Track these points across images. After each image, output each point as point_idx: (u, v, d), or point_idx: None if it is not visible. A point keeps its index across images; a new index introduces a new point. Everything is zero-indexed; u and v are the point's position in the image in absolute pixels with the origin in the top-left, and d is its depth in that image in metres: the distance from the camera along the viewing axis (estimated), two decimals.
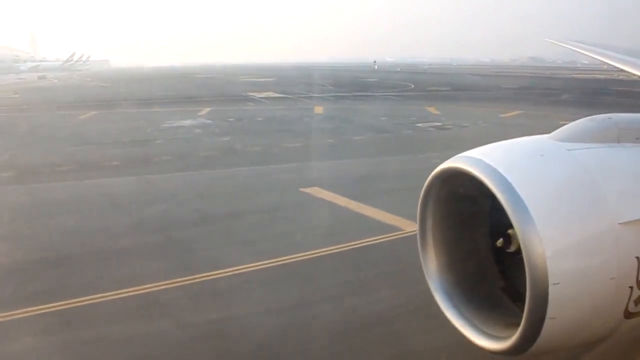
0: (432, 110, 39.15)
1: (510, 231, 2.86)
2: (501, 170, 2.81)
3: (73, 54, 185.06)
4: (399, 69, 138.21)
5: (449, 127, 29.78)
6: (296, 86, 68.15)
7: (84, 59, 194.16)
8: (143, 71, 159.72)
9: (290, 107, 43.86)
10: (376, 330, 7.59)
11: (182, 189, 16.04)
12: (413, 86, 68.71)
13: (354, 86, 70.82)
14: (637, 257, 2.81)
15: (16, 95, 61.04)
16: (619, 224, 2.76)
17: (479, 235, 3.38)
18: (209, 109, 41.47)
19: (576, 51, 9.42)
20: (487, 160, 2.92)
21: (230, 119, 35.19)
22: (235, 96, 55.74)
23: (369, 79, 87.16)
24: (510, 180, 2.75)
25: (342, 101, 48.19)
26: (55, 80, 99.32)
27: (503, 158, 2.98)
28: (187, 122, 33.60)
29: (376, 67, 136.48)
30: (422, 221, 3.37)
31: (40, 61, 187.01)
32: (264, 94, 57.12)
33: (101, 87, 78.60)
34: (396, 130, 29.28)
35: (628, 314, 2.89)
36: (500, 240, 3.03)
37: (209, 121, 34.36)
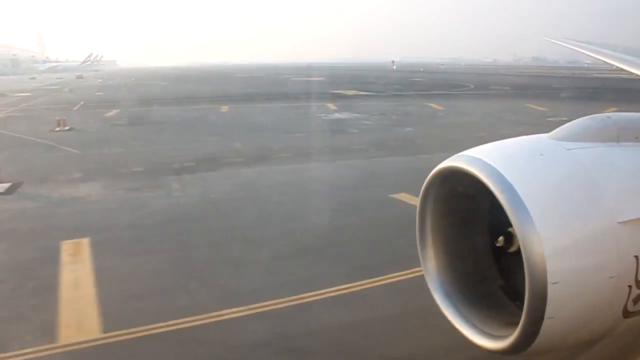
0: (536, 107, 39.94)
1: (509, 230, 2.83)
2: (500, 170, 2.79)
3: (90, 55, 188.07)
4: (422, 69, 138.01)
5: None
6: (364, 85, 68.65)
7: (97, 59, 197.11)
8: (163, 71, 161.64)
9: (401, 104, 45.25)
10: None
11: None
12: (473, 86, 68.66)
13: (423, 85, 71.84)
14: (636, 256, 2.78)
15: (100, 93, 64.52)
16: (618, 222, 2.73)
17: (478, 235, 3.35)
18: (331, 104, 43.59)
19: (576, 50, 9.26)
20: (487, 160, 2.89)
21: (371, 113, 37.27)
22: (326, 94, 56.56)
23: (417, 79, 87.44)
24: (509, 179, 2.73)
25: (446, 99, 48.82)
26: (100, 80, 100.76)
27: (502, 157, 2.94)
28: (337, 116, 36.55)
29: (395, 67, 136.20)
30: (422, 220, 3.34)
31: (56, 61, 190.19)
32: (350, 92, 58.50)
33: (165, 86, 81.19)
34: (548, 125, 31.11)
35: (627, 313, 2.87)
36: (500, 239, 3.00)
37: (354, 115, 36.68)
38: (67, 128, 32.43)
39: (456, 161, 3.06)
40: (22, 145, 26.25)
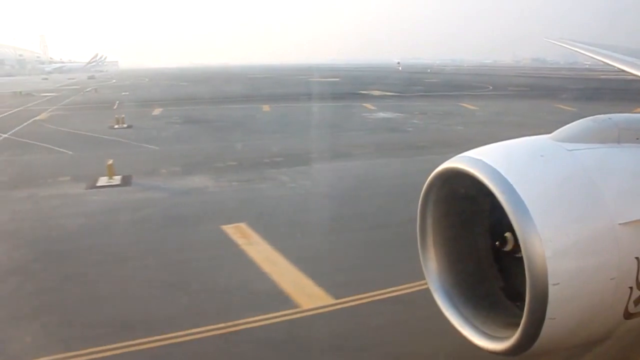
0: (567, 107, 39.28)
1: (510, 231, 2.87)
2: (501, 171, 2.83)
3: (95, 56, 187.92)
4: (429, 70, 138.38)
5: None
6: (386, 86, 68.02)
7: (102, 60, 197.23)
8: (169, 72, 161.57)
9: (435, 104, 45.40)
10: None
11: None
12: (491, 87, 68.84)
13: (442, 86, 72.18)
14: (637, 258, 2.81)
15: (126, 93, 64.64)
16: (619, 224, 2.77)
17: (478, 236, 3.38)
18: (367, 104, 44.11)
19: (577, 52, 9.34)
20: (488, 161, 2.93)
21: (412, 113, 37.60)
22: (354, 94, 57.18)
23: (432, 80, 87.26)
24: (510, 180, 2.77)
25: (475, 99, 48.96)
26: (114, 80, 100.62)
27: (503, 158, 2.99)
28: (381, 115, 36.98)
29: (400, 68, 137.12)
30: (422, 221, 3.38)
31: (61, 62, 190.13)
32: (376, 93, 58.64)
33: (187, 86, 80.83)
34: None
35: (628, 315, 2.90)
36: (500, 240, 3.05)
37: (397, 114, 36.98)
38: (125, 125, 33.13)
39: (457, 162, 3.10)
40: (95, 142, 26.67)
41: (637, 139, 3.24)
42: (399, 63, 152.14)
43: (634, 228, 2.80)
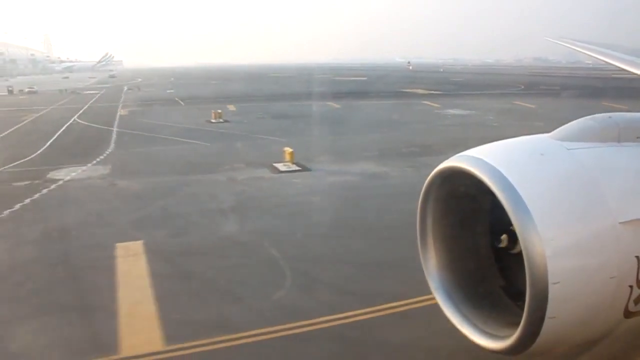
0: (617, 105, 40.39)
1: (510, 230, 2.87)
2: (502, 170, 2.83)
3: (105, 55, 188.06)
4: (442, 70, 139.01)
5: None
6: (423, 85, 68.39)
7: (110, 60, 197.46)
8: (179, 71, 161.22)
9: (490, 102, 45.74)
10: None
11: None
12: (523, 86, 68.29)
13: (474, 85, 72.40)
14: (637, 257, 2.80)
15: (171, 91, 65.32)
16: (620, 223, 2.76)
17: (479, 234, 3.37)
18: (427, 101, 44.95)
19: (577, 51, 9.26)
20: (488, 160, 2.94)
21: (477, 109, 38.33)
22: (402, 92, 57.68)
23: (457, 79, 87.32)
24: (510, 179, 2.77)
25: (523, 98, 48.81)
26: (140, 79, 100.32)
27: (503, 157, 2.99)
28: (451, 112, 37.46)
29: (411, 67, 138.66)
30: (422, 220, 3.39)
31: (70, 61, 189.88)
32: (420, 91, 58.90)
33: (220, 84, 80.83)
34: None
35: (628, 313, 2.88)
36: (501, 239, 3.05)
37: (465, 111, 37.46)
38: (222, 120, 34.57)
39: (457, 161, 3.10)
40: (212, 134, 27.49)
41: (638, 137, 3.22)
42: (409, 62, 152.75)
43: (634, 227, 2.78)
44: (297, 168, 18.79)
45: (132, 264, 10.24)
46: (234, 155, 22.12)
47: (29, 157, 22.38)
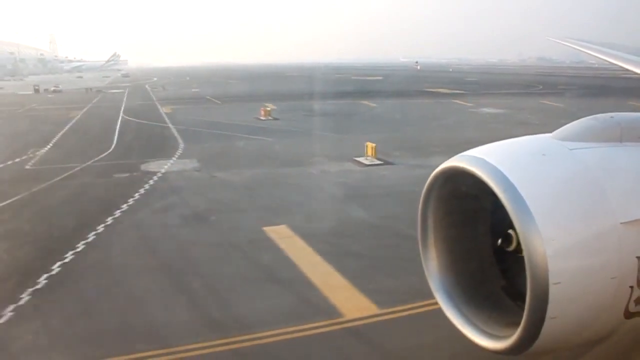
0: None
1: (511, 230, 2.80)
2: (503, 170, 2.77)
3: (114, 54, 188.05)
4: (451, 70, 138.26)
5: None
6: (442, 84, 68.41)
7: (118, 59, 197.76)
8: (189, 71, 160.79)
9: (518, 101, 46.11)
10: None
11: None
12: (541, 86, 68.17)
13: (492, 85, 72.35)
14: (638, 257, 2.74)
15: (197, 90, 65.93)
16: (621, 223, 2.70)
17: (480, 235, 3.30)
18: (457, 100, 46.13)
19: (580, 50, 9.12)
20: (489, 160, 2.87)
21: (510, 109, 39.17)
22: (427, 91, 58.48)
23: (472, 79, 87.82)
24: (511, 179, 2.71)
25: (545, 97, 49.19)
26: (155, 78, 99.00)
27: (505, 157, 2.93)
28: (485, 110, 38.45)
29: (419, 67, 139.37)
30: (424, 220, 3.32)
31: (78, 61, 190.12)
32: (444, 90, 59.57)
33: (241, 83, 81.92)
34: None
35: (628, 314, 2.82)
36: (502, 239, 2.98)
37: (499, 110, 38.21)
38: (271, 117, 35.41)
39: (459, 161, 3.03)
40: (269, 131, 28.32)
41: None
42: (417, 62, 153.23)
43: (635, 227, 2.72)
44: (380, 162, 19.60)
45: (292, 244, 11.05)
46: (307, 150, 22.86)
47: (107, 152, 23.15)
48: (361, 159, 20.03)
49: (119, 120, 34.78)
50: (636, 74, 7.01)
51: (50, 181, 17.49)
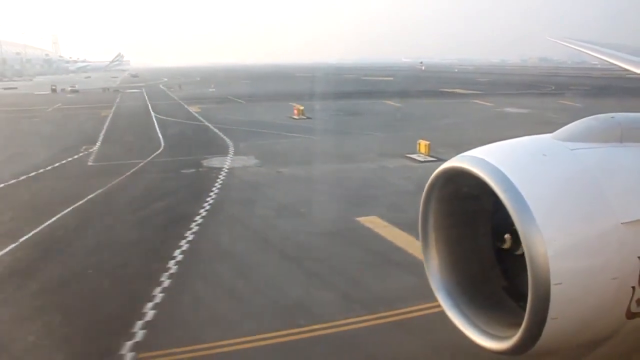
0: None
1: (512, 231, 2.76)
2: (504, 170, 2.74)
3: (118, 55, 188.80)
4: (456, 70, 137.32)
5: None
6: (456, 85, 69.99)
7: (122, 60, 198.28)
8: (195, 71, 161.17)
9: (538, 102, 47.08)
10: None
11: None
12: (554, 87, 68.43)
13: (506, 85, 73.63)
14: None
15: (213, 90, 66.94)
16: (622, 223, 2.66)
17: (481, 235, 3.27)
18: (477, 100, 47.02)
19: (580, 51, 9.02)
20: (490, 160, 2.85)
21: (533, 108, 40.06)
22: (443, 92, 59.48)
23: (483, 80, 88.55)
24: (512, 180, 2.69)
25: (563, 98, 49.29)
26: (165, 79, 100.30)
27: (506, 158, 2.91)
28: (509, 110, 39.50)
29: (424, 68, 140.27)
30: (424, 220, 3.29)
31: (82, 62, 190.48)
32: (459, 91, 60.45)
33: (251, 84, 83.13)
34: None
35: (630, 315, 2.78)
36: (503, 240, 2.97)
37: (524, 110, 39.12)
38: (304, 117, 36.08)
39: (459, 162, 3.01)
40: (306, 129, 29.67)
41: None
42: (421, 63, 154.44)
43: (636, 227, 2.69)
44: (433, 158, 20.26)
45: (392, 232, 11.72)
46: (356, 147, 23.47)
47: (160, 150, 23.82)
48: (414, 156, 20.68)
49: (154, 119, 35.38)
50: (637, 74, 6.92)
51: (122, 176, 18.14)
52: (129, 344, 7.33)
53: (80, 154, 23.15)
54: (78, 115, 39.87)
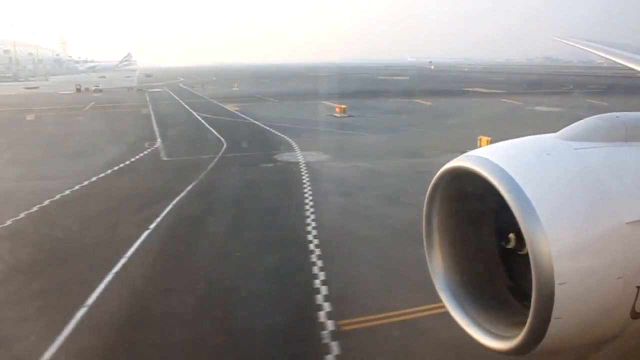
0: None
1: (516, 230, 2.72)
2: (508, 170, 2.70)
3: (127, 55, 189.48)
4: (466, 69, 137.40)
5: None
6: (475, 84, 70.57)
7: (131, 60, 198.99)
8: (205, 71, 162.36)
9: (564, 101, 46.87)
10: None
11: None
12: (572, 86, 68.68)
13: (525, 85, 73.50)
14: None
15: (236, 89, 67.64)
16: (626, 223, 2.61)
17: (485, 235, 3.21)
18: (507, 99, 47.49)
19: (586, 50, 8.88)
20: (494, 160, 2.80)
21: (566, 108, 40.75)
22: (467, 91, 60.29)
23: (498, 79, 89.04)
24: (516, 179, 2.65)
25: (588, 97, 49.66)
26: (182, 78, 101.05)
27: (510, 157, 2.85)
28: (541, 109, 40.46)
29: (433, 67, 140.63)
30: (428, 220, 3.25)
31: (92, 62, 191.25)
32: (481, 90, 60.67)
33: (272, 83, 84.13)
34: None
35: (635, 314, 2.71)
36: (507, 239, 2.92)
37: (556, 109, 39.69)
38: (346, 115, 36.80)
39: (463, 161, 2.97)
40: (362, 128, 29.64)
41: None
42: (430, 62, 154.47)
43: None
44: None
45: None
46: (412, 143, 24.05)
47: (225, 147, 24.51)
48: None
49: (197, 116, 36.08)
50: None
51: (206, 169, 18.87)
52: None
53: (148, 150, 23.90)
54: (119, 114, 40.63)
